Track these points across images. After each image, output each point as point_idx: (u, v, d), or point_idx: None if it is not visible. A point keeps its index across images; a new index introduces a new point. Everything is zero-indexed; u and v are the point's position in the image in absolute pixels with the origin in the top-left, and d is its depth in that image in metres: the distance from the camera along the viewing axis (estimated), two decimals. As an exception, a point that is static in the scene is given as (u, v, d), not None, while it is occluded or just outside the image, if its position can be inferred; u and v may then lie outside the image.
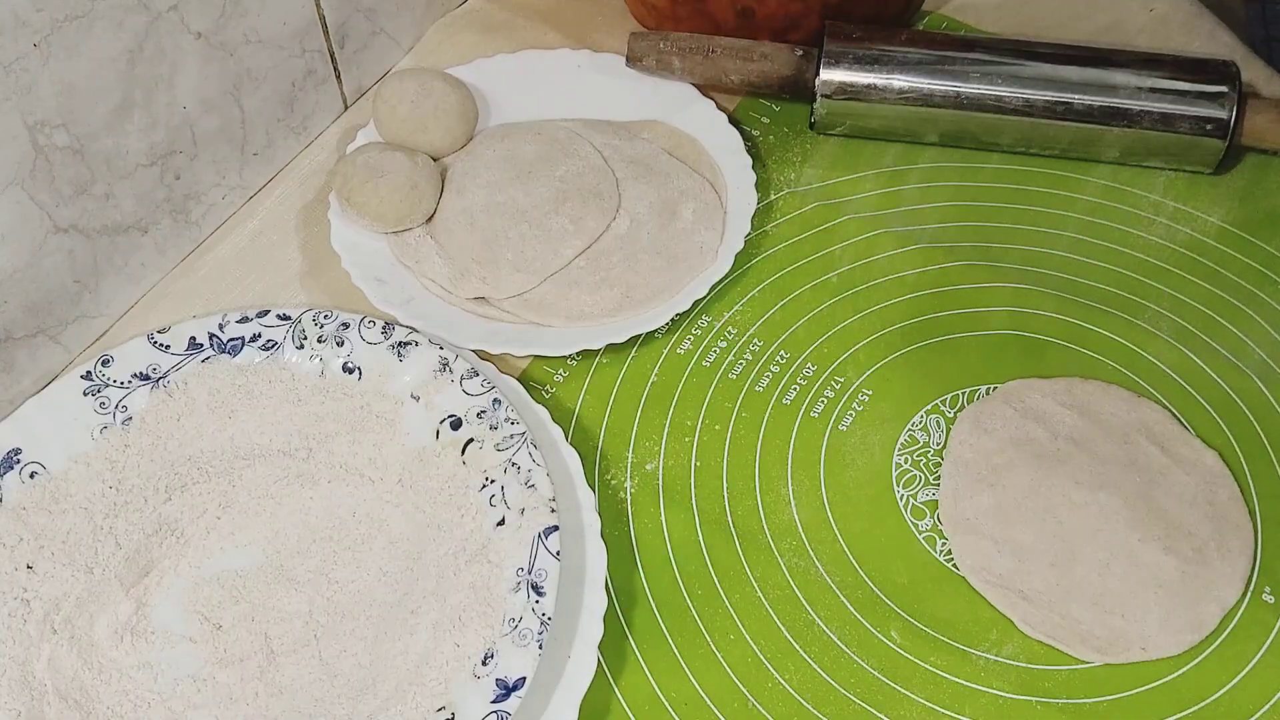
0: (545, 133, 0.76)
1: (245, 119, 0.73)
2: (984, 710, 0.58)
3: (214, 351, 0.66)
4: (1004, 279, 0.72)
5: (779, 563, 0.62)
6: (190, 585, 0.61)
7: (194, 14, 0.67)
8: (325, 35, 0.76)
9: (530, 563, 0.58)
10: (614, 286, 0.70)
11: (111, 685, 0.58)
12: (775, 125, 0.80)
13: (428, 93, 0.74)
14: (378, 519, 0.63)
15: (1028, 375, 0.68)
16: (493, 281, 0.71)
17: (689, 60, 0.77)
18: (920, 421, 0.67)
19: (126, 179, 0.68)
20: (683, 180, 0.75)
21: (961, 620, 0.60)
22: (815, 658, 0.59)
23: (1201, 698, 0.58)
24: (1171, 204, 0.75)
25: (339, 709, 0.57)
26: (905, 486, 0.65)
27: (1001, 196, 0.76)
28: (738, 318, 0.71)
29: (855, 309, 0.71)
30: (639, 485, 0.65)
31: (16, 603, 0.59)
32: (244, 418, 0.65)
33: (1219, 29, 0.83)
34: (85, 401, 0.64)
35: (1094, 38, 0.80)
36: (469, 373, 0.64)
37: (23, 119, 0.61)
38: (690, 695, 0.59)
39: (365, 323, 0.67)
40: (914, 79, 0.74)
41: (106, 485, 0.63)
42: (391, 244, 0.73)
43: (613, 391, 0.69)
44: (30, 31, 0.59)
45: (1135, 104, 0.73)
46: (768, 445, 0.66)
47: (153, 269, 0.72)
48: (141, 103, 0.66)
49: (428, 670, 0.57)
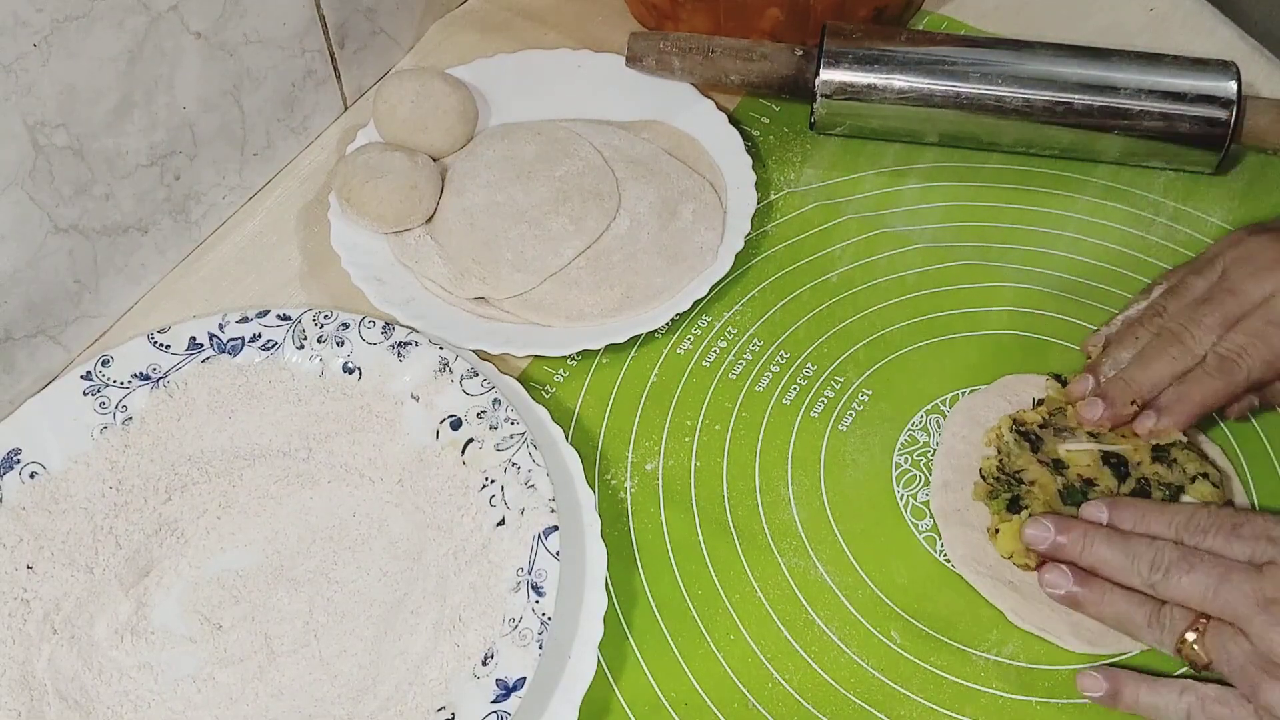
0: (545, 133, 0.76)
1: (245, 119, 0.73)
2: (984, 710, 0.58)
3: (214, 351, 0.66)
4: (1004, 279, 0.72)
5: (779, 563, 0.62)
6: (190, 585, 0.61)
7: (194, 14, 0.67)
8: (325, 35, 0.76)
9: (530, 563, 0.58)
10: (614, 286, 0.70)
11: (111, 685, 0.58)
12: (775, 125, 0.80)
13: (428, 93, 0.74)
14: (378, 519, 0.63)
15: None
16: (493, 281, 0.71)
17: (689, 60, 0.77)
18: (920, 421, 0.67)
19: (126, 179, 0.68)
20: (683, 180, 0.75)
21: (961, 620, 0.60)
22: (815, 658, 0.59)
23: (1201, 698, 0.58)
24: (1171, 204, 0.75)
25: (339, 709, 0.57)
26: (905, 486, 0.65)
27: (1001, 196, 0.76)
28: (738, 318, 0.71)
29: (855, 309, 0.71)
30: (639, 485, 0.65)
31: (16, 603, 0.59)
32: (244, 418, 0.65)
33: (1219, 27, 0.83)
34: (85, 401, 0.64)
35: (1094, 38, 0.80)
36: (469, 373, 0.64)
37: (23, 119, 0.61)
38: (690, 695, 0.59)
39: (365, 323, 0.67)
40: (914, 79, 0.74)
41: (106, 485, 0.63)
42: (391, 244, 0.73)
43: (613, 391, 0.69)
44: (30, 31, 0.59)
45: (1135, 104, 0.73)
46: (768, 445, 0.66)
47: (153, 269, 0.72)
48: (141, 103, 0.66)
49: (428, 670, 0.57)
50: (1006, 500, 0.61)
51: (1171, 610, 0.55)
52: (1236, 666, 0.53)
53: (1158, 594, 0.56)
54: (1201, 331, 0.62)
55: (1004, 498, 0.61)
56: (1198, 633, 0.54)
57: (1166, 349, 0.63)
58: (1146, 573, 0.56)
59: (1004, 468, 0.62)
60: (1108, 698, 0.56)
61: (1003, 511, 0.61)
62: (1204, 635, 0.54)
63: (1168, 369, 0.62)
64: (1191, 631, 0.55)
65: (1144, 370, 0.62)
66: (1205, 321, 0.62)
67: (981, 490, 0.62)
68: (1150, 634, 0.56)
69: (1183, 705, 0.55)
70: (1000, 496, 0.61)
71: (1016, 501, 0.61)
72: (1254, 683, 0.53)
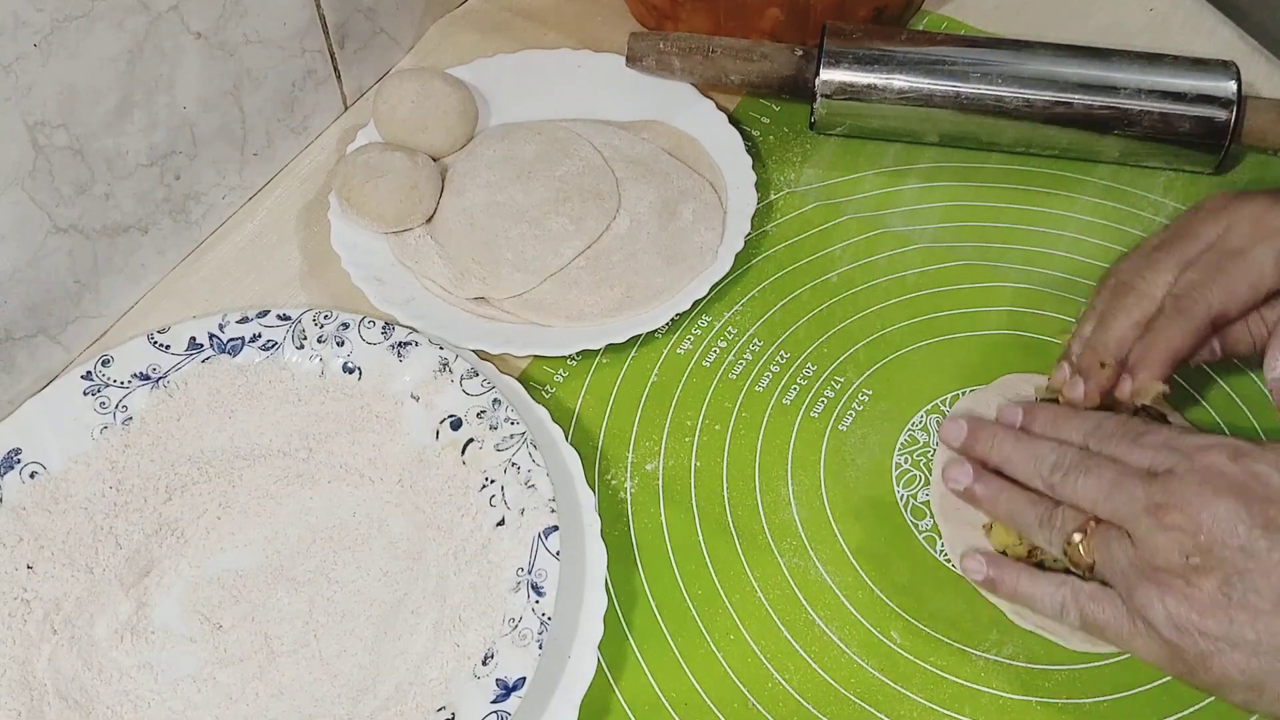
0: (545, 133, 0.76)
1: (245, 119, 0.73)
2: (984, 710, 0.58)
3: (214, 351, 0.66)
4: (1004, 279, 0.72)
5: (779, 563, 0.62)
6: (190, 585, 0.61)
7: (194, 14, 0.67)
8: (325, 35, 0.76)
9: (530, 563, 0.58)
10: (614, 286, 0.71)
11: (111, 685, 0.58)
12: (775, 125, 0.80)
13: (428, 93, 0.74)
14: (378, 519, 0.63)
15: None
16: (493, 281, 0.71)
17: (689, 60, 0.77)
18: (920, 421, 0.67)
19: (126, 179, 0.68)
20: (683, 180, 0.75)
21: (961, 620, 0.60)
22: (815, 658, 0.59)
23: (1201, 697, 0.58)
24: (1171, 204, 0.75)
25: (339, 709, 0.57)
26: (905, 486, 0.65)
27: (1001, 196, 0.76)
28: (738, 318, 0.71)
29: (855, 309, 0.71)
30: (639, 485, 0.65)
31: (16, 603, 0.59)
32: (244, 418, 0.65)
33: (1220, 27, 0.83)
34: (85, 401, 0.64)
35: (1094, 38, 0.80)
36: (469, 373, 0.64)
37: (23, 119, 0.61)
38: (690, 695, 0.59)
39: (365, 323, 0.67)
40: (914, 79, 0.74)
41: (107, 485, 0.63)
42: (391, 244, 0.73)
43: (613, 391, 0.69)
44: (30, 31, 0.59)
45: (1135, 104, 0.73)
46: (768, 445, 0.66)
47: (153, 269, 0.72)
48: (141, 103, 0.66)
49: (428, 670, 0.57)
50: None
51: (1064, 511, 0.56)
52: (1117, 569, 0.54)
53: (1055, 495, 0.56)
54: (1155, 274, 0.61)
55: None
56: (1084, 534, 0.55)
57: (1121, 300, 0.62)
58: (1047, 473, 0.57)
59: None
60: (987, 582, 0.58)
61: None
62: (1090, 537, 0.55)
63: (1127, 319, 0.61)
64: (1079, 533, 0.55)
65: (1104, 329, 0.62)
66: (1159, 265, 0.62)
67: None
68: (1041, 534, 0.57)
69: (1059, 596, 0.56)
70: None
71: None
72: (1130, 585, 0.53)
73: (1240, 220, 0.61)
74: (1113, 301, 0.62)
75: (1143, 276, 0.62)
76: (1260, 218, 0.61)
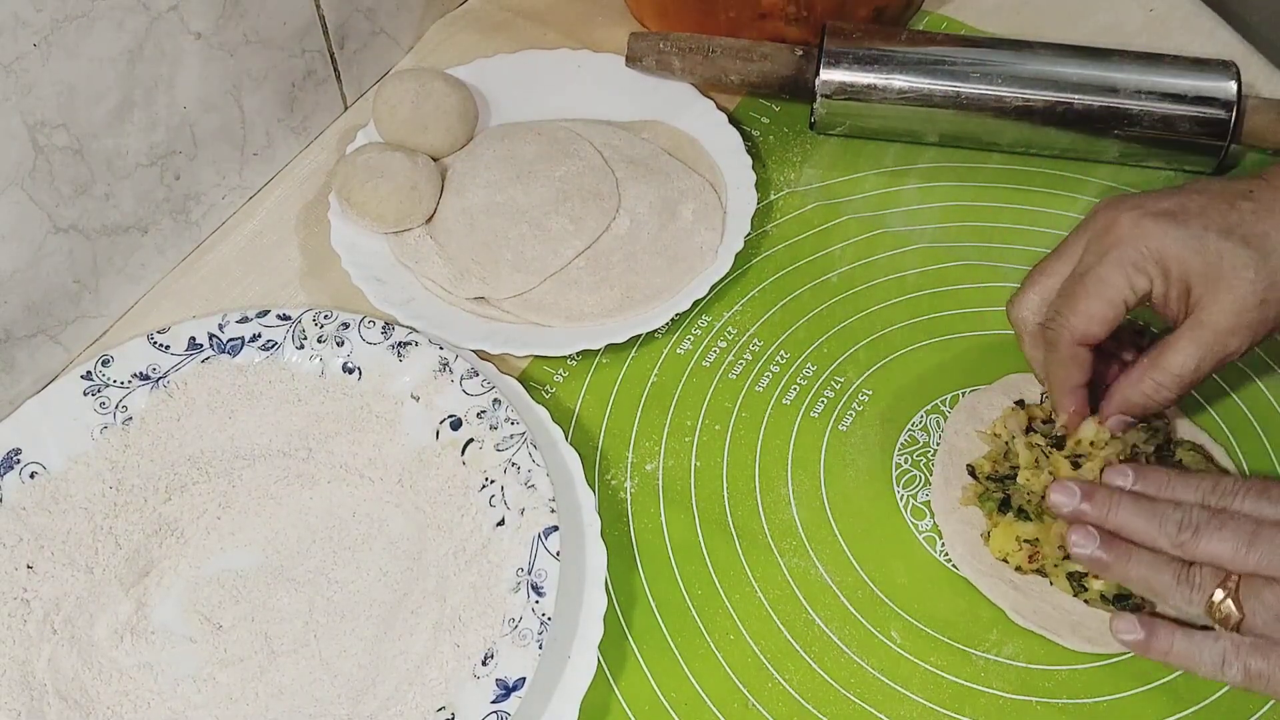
0: (545, 133, 0.76)
1: (245, 119, 0.73)
2: (984, 710, 0.58)
3: (214, 351, 0.66)
4: (1004, 279, 0.72)
5: (779, 563, 0.62)
6: (190, 585, 0.61)
7: (194, 14, 0.67)
8: (325, 35, 0.76)
9: (530, 563, 0.58)
10: (614, 286, 0.70)
11: (111, 685, 0.58)
12: (775, 125, 0.80)
13: (428, 93, 0.74)
14: (378, 519, 0.63)
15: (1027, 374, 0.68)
16: (493, 281, 0.71)
17: (689, 60, 0.77)
18: (920, 421, 0.67)
19: (126, 179, 0.68)
20: (683, 180, 0.75)
21: (961, 620, 0.60)
22: (815, 658, 0.59)
23: (1202, 697, 0.58)
24: (1171, 204, 0.75)
25: (339, 709, 0.57)
26: (905, 486, 0.65)
27: (1001, 196, 0.76)
28: (738, 318, 0.71)
29: (855, 309, 0.71)
30: (639, 485, 0.65)
31: (16, 603, 0.59)
32: (244, 418, 0.65)
33: (1219, 28, 0.83)
34: (85, 401, 0.64)
35: (1094, 38, 0.80)
36: (469, 373, 0.64)
37: (23, 119, 0.61)
38: (690, 695, 0.59)
39: (365, 323, 0.67)
40: (914, 79, 0.75)
41: (106, 485, 0.63)
42: (391, 244, 0.73)
43: (613, 391, 0.69)
44: (30, 31, 0.59)
45: (1135, 104, 0.73)
46: (768, 445, 0.66)
47: (153, 269, 0.72)
48: (141, 103, 0.66)
49: (428, 670, 0.57)
50: (997, 501, 0.61)
51: (1200, 569, 0.55)
52: (1273, 615, 0.53)
53: (1185, 555, 0.55)
54: (1020, 310, 0.63)
55: (995, 498, 0.61)
56: (1226, 590, 0.54)
57: (1021, 345, 0.64)
58: (1175, 533, 0.55)
59: (1007, 457, 0.62)
60: (1141, 643, 0.56)
61: (994, 513, 0.61)
62: (1235, 592, 0.54)
63: (1037, 365, 0.63)
64: (1220, 590, 0.54)
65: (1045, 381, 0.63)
66: (1024, 301, 0.63)
67: (972, 492, 0.62)
68: (1179, 594, 0.55)
69: (1218, 650, 0.54)
70: (991, 497, 0.61)
71: (1008, 502, 0.61)
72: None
73: (1097, 234, 0.61)
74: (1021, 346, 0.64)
75: (1020, 316, 0.63)
76: (1109, 229, 0.60)
